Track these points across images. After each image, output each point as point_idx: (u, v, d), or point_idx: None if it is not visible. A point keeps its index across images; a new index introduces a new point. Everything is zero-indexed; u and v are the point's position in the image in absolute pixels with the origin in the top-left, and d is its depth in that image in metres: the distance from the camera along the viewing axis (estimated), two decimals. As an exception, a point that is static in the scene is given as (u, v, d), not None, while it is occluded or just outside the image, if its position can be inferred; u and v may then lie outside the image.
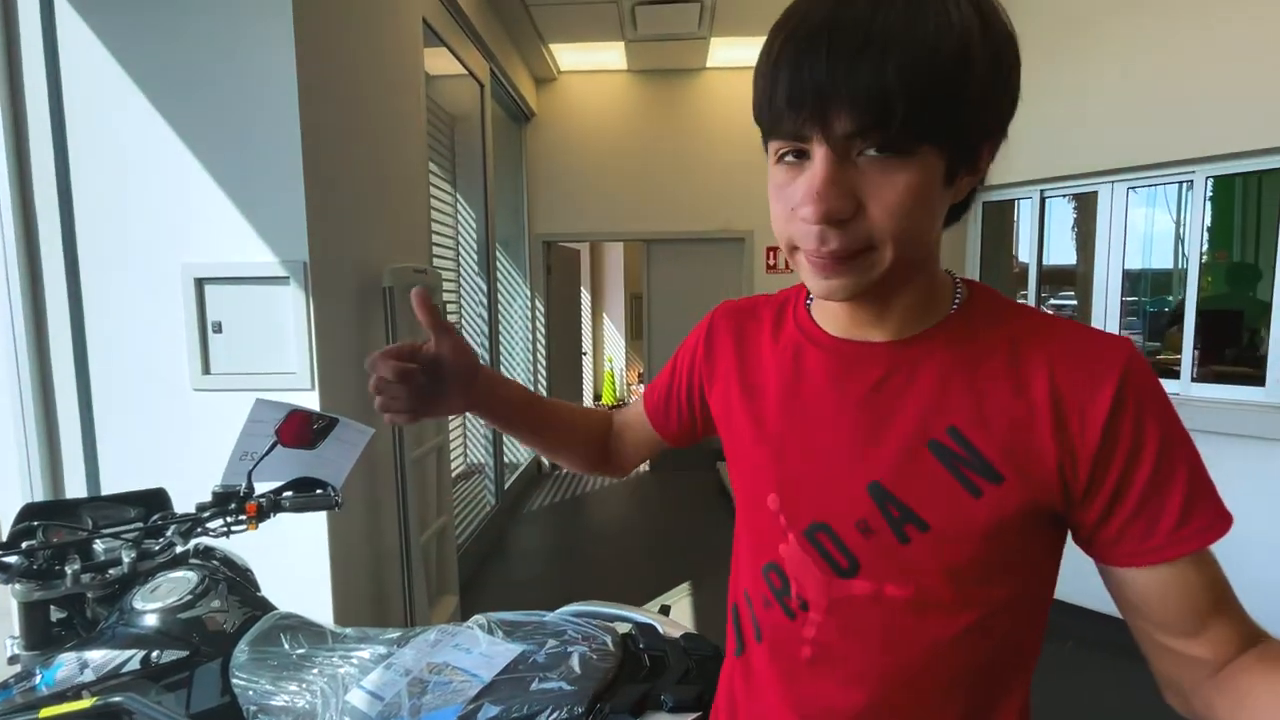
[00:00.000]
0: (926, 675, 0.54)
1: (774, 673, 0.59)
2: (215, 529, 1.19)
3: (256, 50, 1.64)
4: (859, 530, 0.54)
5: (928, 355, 0.54)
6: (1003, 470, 0.50)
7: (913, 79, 0.43)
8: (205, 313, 1.70)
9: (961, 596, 0.52)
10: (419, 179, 2.62)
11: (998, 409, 0.51)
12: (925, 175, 0.47)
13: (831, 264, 0.49)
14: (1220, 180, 2.64)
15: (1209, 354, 2.71)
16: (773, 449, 0.59)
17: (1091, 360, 0.50)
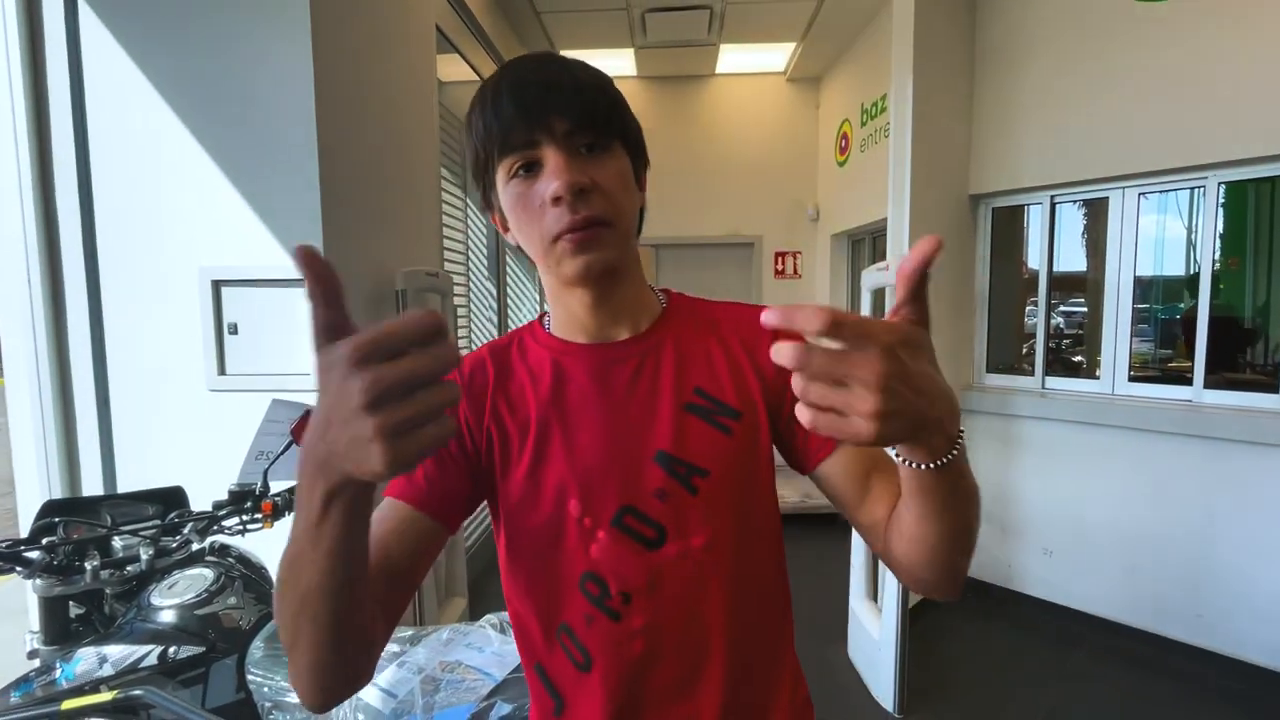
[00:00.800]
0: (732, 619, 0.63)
1: (607, 694, 0.62)
2: (231, 527, 1.21)
3: (275, 57, 1.66)
4: (657, 498, 0.62)
5: (662, 341, 0.67)
6: (739, 408, 0.64)
7: (600, 95, 0.61)
8: (222, 314, 1.73)
9: (741, 533, 0.63)
10: (431, 184, 2.65)
11: (719, 367, 0.66)
12: (622, 164, 0.63)
13: (586, 237, 0.59)
14: (1232, 186, 2.63)
15: (1220, 360, 2.69)
16: (560, 462, 0.63)
17: (747, 312, 0.69)
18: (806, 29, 4.41)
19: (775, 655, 0.67)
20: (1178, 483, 2.64)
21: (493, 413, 0.65)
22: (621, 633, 0.62)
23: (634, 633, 0.62)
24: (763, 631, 0.66)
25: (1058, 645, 2.73)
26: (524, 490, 0.63)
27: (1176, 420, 2.63)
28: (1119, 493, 2.80)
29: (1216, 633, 2.55)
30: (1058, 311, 3.46)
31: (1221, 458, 2.51)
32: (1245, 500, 2.46)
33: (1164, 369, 3.02)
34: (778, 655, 0.67)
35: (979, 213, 3.32)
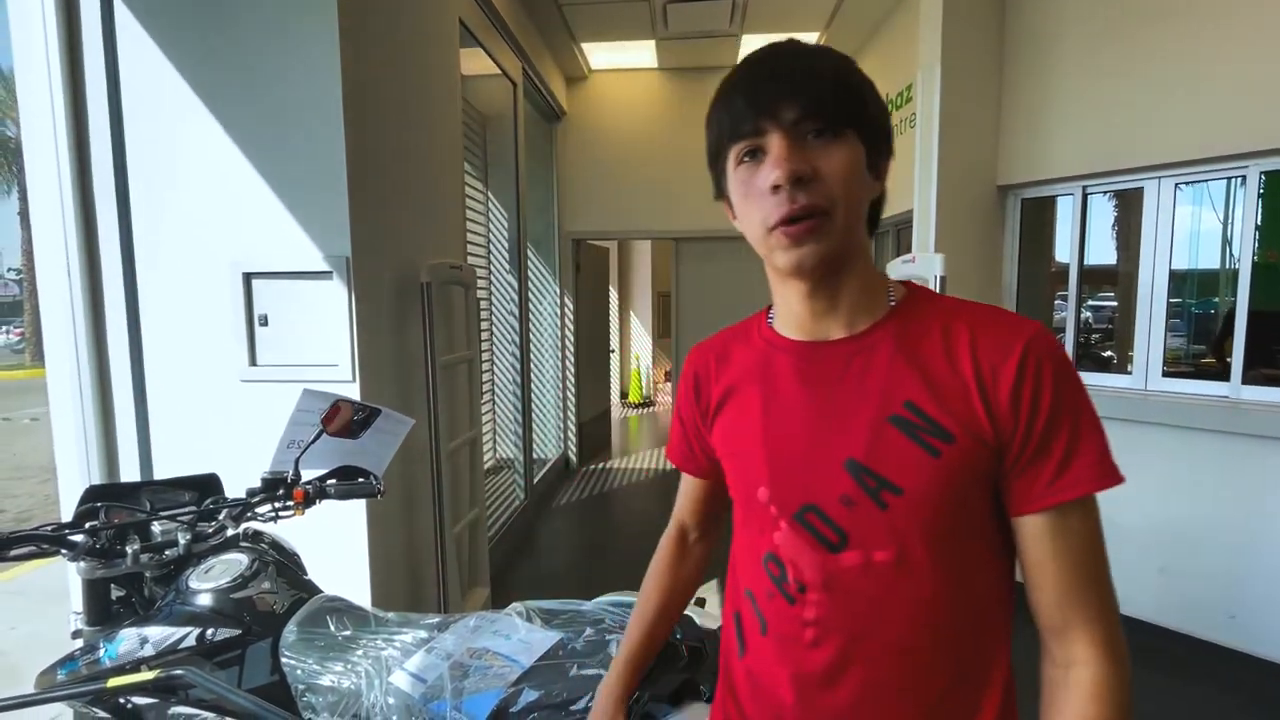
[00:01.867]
0: (916, 640, 0.61)
1: (780, 663, 0.65)
2: (264, 514, 1.24)
3: (303, 55, 1.69)
4: (842, 504, 0.61)
5: (878, 343, 0.64)
6: (953, 430, 0.59)
7: (833, 82, 0.60)
8: (253, 306, 1.76)
9: (936, 552, 0.60)
10: (454, 178, 2.67)
11: (939, 381, 0.60)
12: (853, 153, 0.60)
13: (802, 229, 0.59)
14: (1273, 176, 2.54)
15: (1259, 356, 2.61)
16: (758, 449, 0.67)
17: (1003, 332, 0.60)
18: (830, 18, 4.34)
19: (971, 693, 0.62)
20: (1213, 481, 2.57)
21: (715, 396, 0.74)
22: (795, 618, 0.64)
23: (806, 621, 0.63)
24: (957, 661, 0.62)
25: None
26: (730, 469, 0.72)
27: (1213, 417, 2.56)
28: (1151, 490, 2.74)
29: (1250, 634, 2.48)
30: (1086, 305, 3.38)
31: (1260, 455, 2.44)
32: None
33: (1198, 365, 2.94)
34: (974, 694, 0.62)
35: (1007, 204, 3.25)
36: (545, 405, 5.38)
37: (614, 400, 8.00)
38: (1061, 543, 0.58)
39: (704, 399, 0.76)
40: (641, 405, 8.84)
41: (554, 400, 5.43)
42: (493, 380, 4.00)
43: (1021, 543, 0.60)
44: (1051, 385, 0.58)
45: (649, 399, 8.96)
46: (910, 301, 0.66)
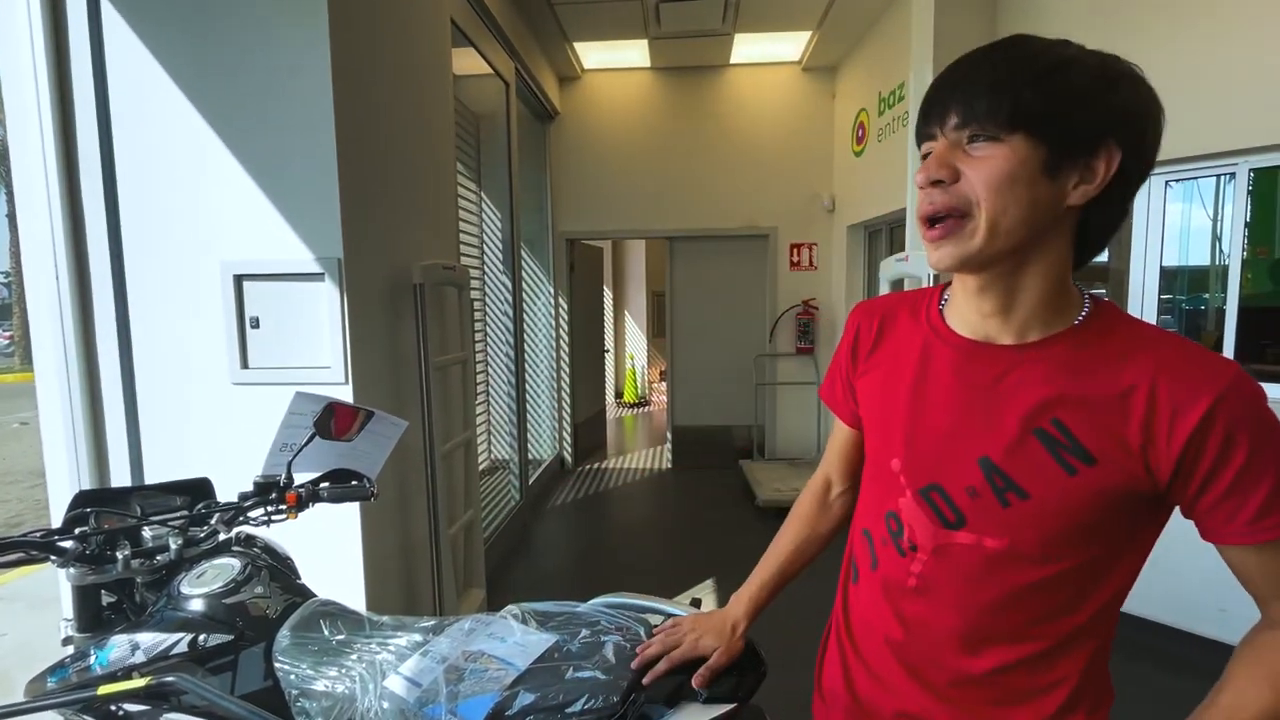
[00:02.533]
0: (1008, 612, 0.68)
1: (884, 595, 0.76)
2: (256, 518, 1.23)
3: (293, 53, 1.67)
4: (967, 494, 0.68)
5: (1045, 359, 0.66)
6: (1096, 455, 0.62)
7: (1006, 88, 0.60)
8: (244, 308, 1.75)
9: (1047, 552, 0.65)
10: (447, 178, 2.66)
11: (1100, 407, 0.62)
12: (1015, 157, 0.60)
13: (936, 233, 0.64)
14: (1262, 173, 2.56)
15: (1249, 352, 2.63)
16: (899, 423, 0.73)
17: (1194, 377, 0.60)
18: (823, 17, 4.35)
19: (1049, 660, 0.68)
20: (1204, 476, 2.59)
21: (871, 356, 0.80)
22: (902, 568, 0.73)
23: (910, 573, 0.73)
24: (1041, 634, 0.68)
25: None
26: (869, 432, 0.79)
27: (1203, 413, 2.58)
28: (1143, 486, 2.76)
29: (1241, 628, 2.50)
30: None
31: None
32: None
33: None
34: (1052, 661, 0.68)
35: (999, 202, 3.27)
36: (540, 406, 5.37)
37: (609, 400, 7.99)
38: (1269, 565, 0.62)
39: (859, 354, 0.82)
40: (637, 405, 8.84)
41: (549, 400, 5.43)
42: (487, 381, 3.98)
43: (1224, 554, 0.65)
44: (1248, 441, 0.59)
45: (644, 398, 8.96)
46: (1097, 320, 0.66)
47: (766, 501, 4.18)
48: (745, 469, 4.92)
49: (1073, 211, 0.63)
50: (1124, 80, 0.63)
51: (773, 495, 4.19)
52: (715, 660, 0.88)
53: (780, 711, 1.07)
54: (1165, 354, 0.62)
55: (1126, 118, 0.62)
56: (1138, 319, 0.68)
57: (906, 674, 0.74)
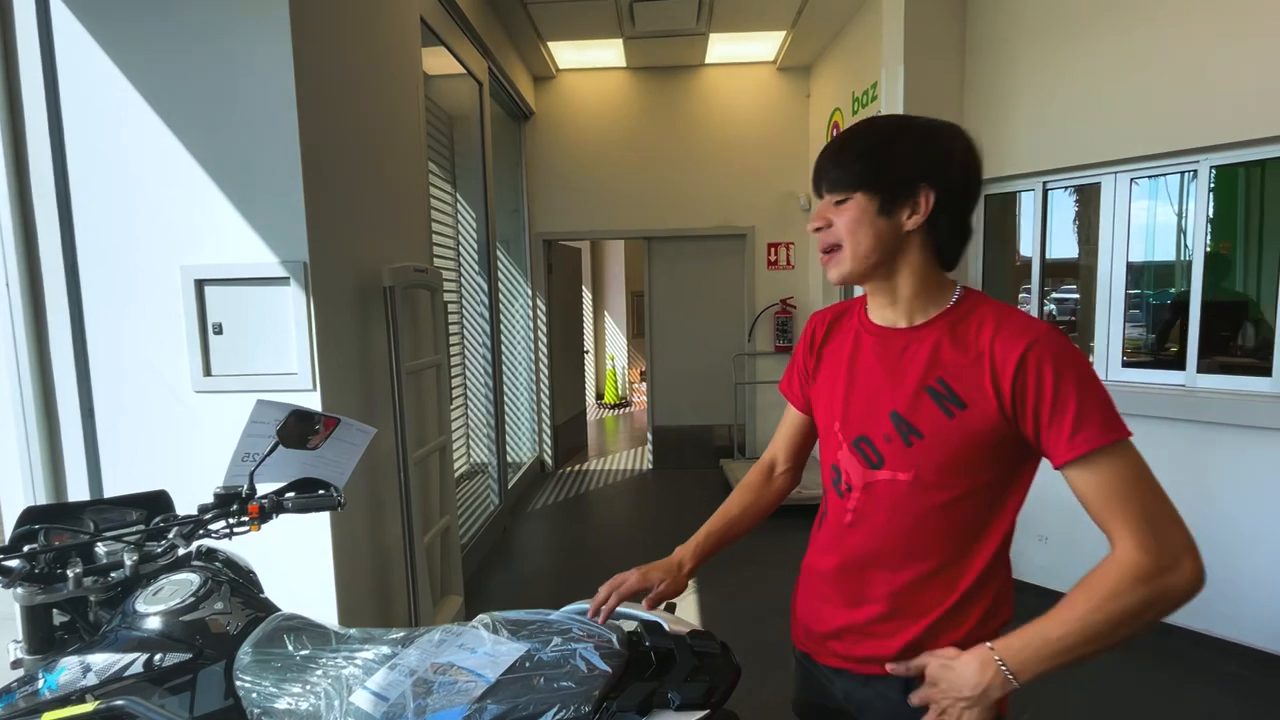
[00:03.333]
0: (920, 530, 0.89)
1: (831, 534, 0.98)
2: (217, 531, 1.19)
3: (253, 50, 1.63)
4: (884, 440, 0.90)
5: (929, 335, 0.90)
6: (966, 401, 0.85)
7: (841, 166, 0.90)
8: (206, 314, 1.70)
9: (942, 480, 0.87)
10: (418, 178, 2.61)
11: (965, 365, 0.86)
12: (858, 208, 0.88)
13: (828, 260, 0.93)
14: (1223, 170, 2.63)
15: (1213, 345, 2.70)
16: (839, 395, 0.97)
17: (1015, 335, 0.83)
18: (796, 17, 4.37)
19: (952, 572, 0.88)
20: (1171, 467, 2.62)
21: (819, 350, 1.04)
22: (841, 507, 0.95)
23: (847, 510, 0.94)
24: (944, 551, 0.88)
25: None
26: (818, 407, 1.03)
27: (1170, 405, 2.63)
28: (1113, 478, 2.81)
29: (1208, 615, 2.56)
30: (1051, 298, 3.46)
31: (1214, 442, 2.52)
32: (1238, 484, 2.47)
33: (1156, 354, 3.02)
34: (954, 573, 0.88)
35: (971, 200, 3.31)
36: (519, 408, 5.32)
37: (590, 401, 7.96)
38: (1095, 481, 0.78)
39: (815, 351, 1.05)
40: (618, 406, 8.81)
41: (528, 403, 5.38)
42: (465, 384, 3.94)
43: (1068, 482, 0.81)
44: (1053, 375, 0.79)
45: (625, 399, 8.94)
46: (963, 304, 0.90)
47: (747, 500, 4.18)
48: (726, 468, 4.92)
49: (916, 232, 0.88)
50: (938, 139, 0.88)
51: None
52: (662, 588, 1.04)
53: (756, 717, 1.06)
54: (1000, 318, 0.86)
55: (934, 168, 0.86)
56: (994, 301, 0.90)
57: (842, 599, 0.95)
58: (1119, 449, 0.78)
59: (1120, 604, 0.75)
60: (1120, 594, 0.75)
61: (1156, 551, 0.76)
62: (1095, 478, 0.78)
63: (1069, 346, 0.82)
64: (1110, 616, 0.75)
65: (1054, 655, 0.78)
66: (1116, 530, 0.77)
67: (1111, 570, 0.76)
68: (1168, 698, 2.31)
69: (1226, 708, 2.23)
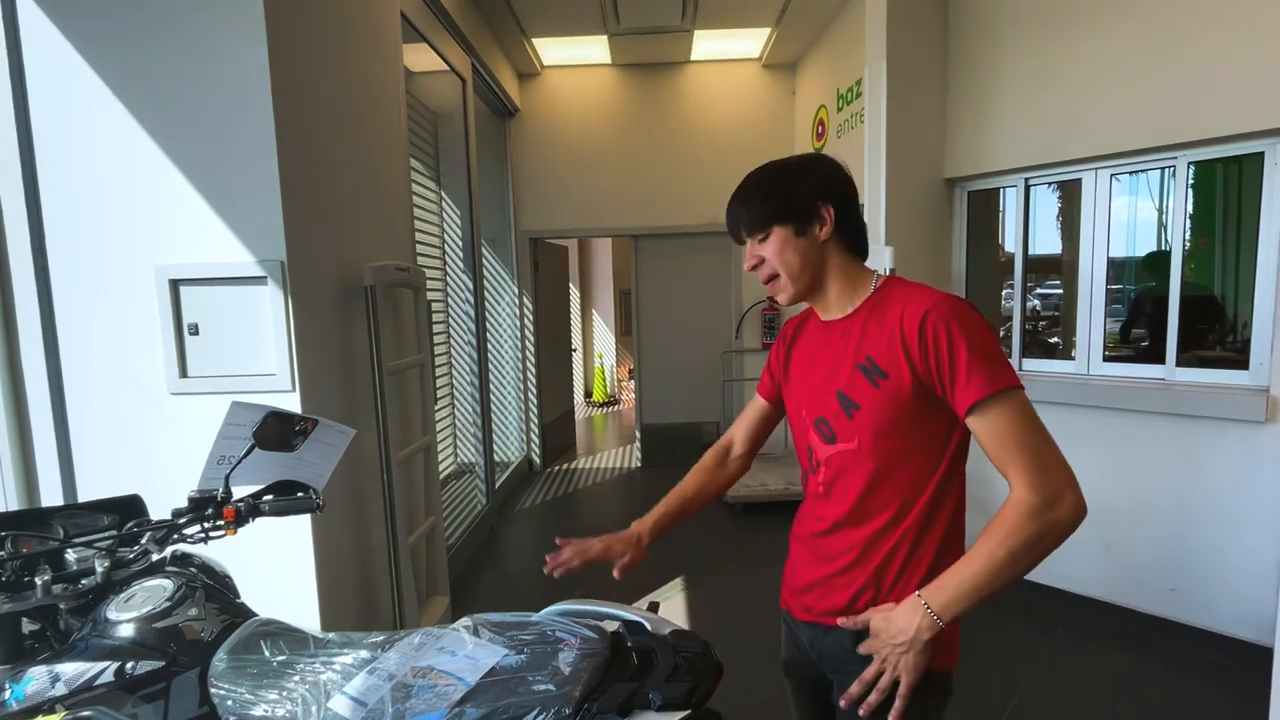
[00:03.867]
0: (870, 491, 1.01)
1: (809, 503, 1.13)
2: (192, 535, 1.17)
3: (228, 46, 1.60)
4: (834, 417, 1.04)
5: (857, 320, 1.04)
6: (886, 370, 0.97)
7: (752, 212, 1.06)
8: (181, 315, 1.67)
9: (878, 444, 0.99)
10: (400, 176, 2.59)
11: (884, 339, 0.98)
12: (780, 239, 1.04)
13: (770, 286, 1.08)
14: (1202, 166, 2.66)
15: (1192, 339, 2.73)
16: (803, 385, 1.12)
17: (918, 305, 0.95)
18: (780, 14, 4.37)
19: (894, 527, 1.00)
20: (1152, 460, 2.68)
21: (791, 349, 1.17)
22: (815, 482, 1.09)
23: (818, 483, 1.07)
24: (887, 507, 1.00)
25: (1037, 622, 2.77)
26: (789, 397, 1.17)
27: (1150, 399, 2.66)
28: (1095, 471, 2.81)
29: (1189, 606, 2.60)
30: (1035, 294, 3.49)
31: (1193, 434, 2.55)
32: (1216, 476, 2.51)
33: (1137, 348, 3.05)
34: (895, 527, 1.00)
35: (955, 196, 3.33)
36: (506, 407, 5.30)
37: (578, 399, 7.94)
38: (990, 427, 0.90)
39: (786, 350, 1.18)
40: (606, 404, 8.80)
41: (515, 402, 5.36)
42: (451, 384, 3.91)
43: (972, 429, 0.93)
44: (946, 333, 0.91)
45: (614, 397, 8.93)
46: (882, 289, 1.04)
47: (735, 498, 4.19)
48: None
49: (830, 240, 1.03)
50: (820, 167, 1.05)
51: (741, 491, 4.20)
52: (628, 559, 1.17)
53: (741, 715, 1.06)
54: (908, 295, 0.99)
55: (827, 187, 1.03)
56: (907, 282, 1.03)
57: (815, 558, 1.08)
58: (1007, 397, 0.89)
59: (1017, 539, 0.86)
60: (1016, 531, 0.86)
61: (1043, 489, 0.86)
62: (989, 425, 0.89)
63: (964, 309, 0.94)
64: (1010, 552, 0.86)
65: (969, 594, 0.89)
66: (1010, 473, 0.89)
67: (1008, 511, 0.88)
68: (1154, 689, 2.34)
69: (1211, 698, 2.26)
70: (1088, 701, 2.28)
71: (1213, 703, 2.23)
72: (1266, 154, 2.41)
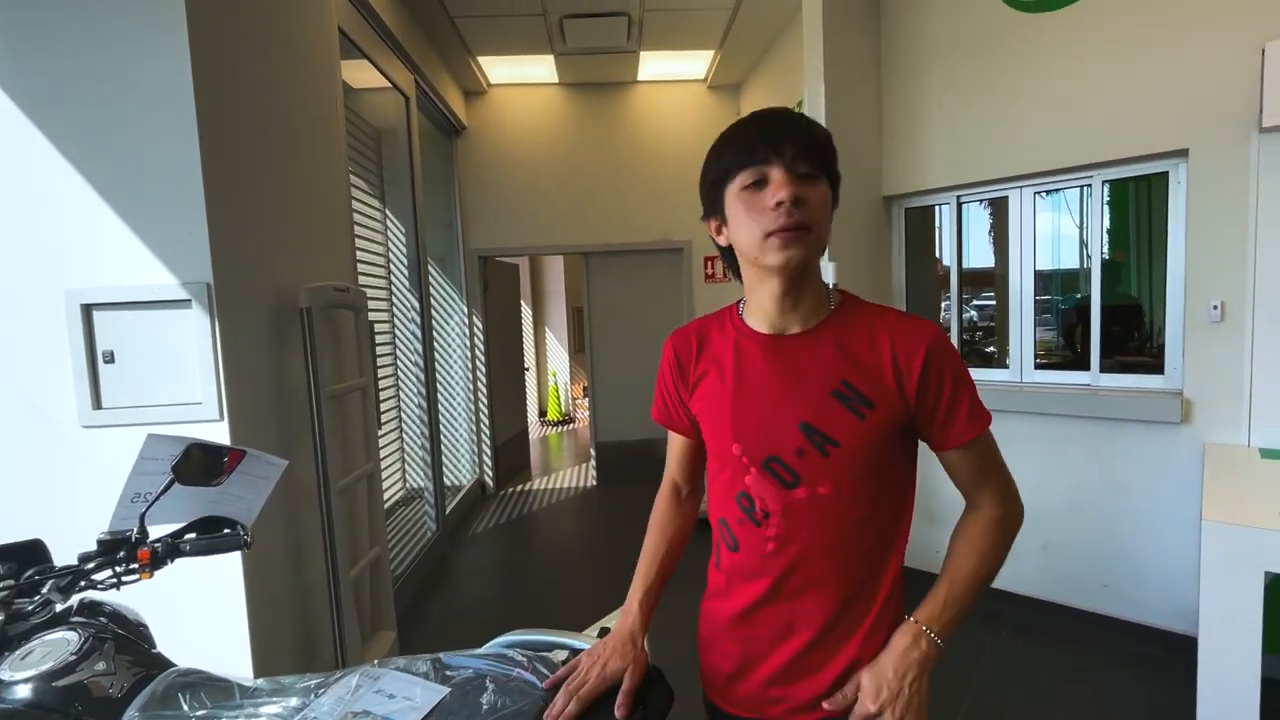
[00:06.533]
0: (842, 547, 0.87)
1: (748, 564, 0.91)
2: (103, 581, 1.07)
3: (147, 53, 1.52)
4: (797, 455, 0.86)
5: (824, 338, 0.88)
6: (873, 400, 0.85)
7: (820, 139, 0.84)
8: (95, 342, 1.56)
9: (861, 486, 0.86)
10: (340, 193, 2.51)
11: (866, 365, 0.86)
12: (827, 193, 0.84)
13: (792, 236, 0.81)
14: (1116, 185, 2.84)
15: (1114, 346, 2.89)
16: (731, 414, 0.90)
17: (912, 335, 0.86)
18: (723, 38, 4.49)
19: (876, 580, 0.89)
20: (1082, 463, 2.81)
21: (696, 371, 0.96)
22: (760, 536, 0.89)
23: (769, 537, 0.88)
24: (867, 559, 0.89)
25: (986, 625, 2.85)
26: (707, 430, 0.95)
27: (1077, 404, 2.80)
28: (1031, 475, 2.93)
29: (1122, 602, 2.72)
30: (973, 305, 3.64)
31: (1118, 437, 2.70)
32: (1139, 475, 2.65)
33: (1065, 356, 3.22)
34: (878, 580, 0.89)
35: (893, 213, 3.46)
36: (457, 429, 5.17)
37: (532, 419, 7.83)
38: (972, 459, 0.89)
39: (685, 371, 0.97)
40: (561, 422, 8.71)
41: (466, 423, 5.23)
42: (399, 407, 3.79)
43: (946, 460, 0.90)
44: (950, 373, 0.86)
45: (568, 415, 8.84)
46: (845, 306, 0.91)
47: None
48: (670, 481, 4.91)
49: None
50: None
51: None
52: (629, 682, 0.88)
53: (694, 737, 1.04)
54: (891, 321, 0.88)
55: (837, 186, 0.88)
56: (867, 301, 0.93)
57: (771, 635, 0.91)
58: (987, 432, 0.90)
59: (998, 552, 0.89)
60: (998, 544, 0.89)
61: (1010, 506, 0.91)
62: (971, 456, 0.89)
63: (954, 347, 0.91)
64: (992, 565, 0.89)
65: (961, 612, 0.87)
66: (985, 495, 0.90)
67: (988, 528, 0.89)
68: (1083, 681, 2.42)
69: (1140, 689, 2.36)
70: (1035, 698, 2.34)
71: (1147, 694, 2.33)
72: (1170, 174, 2.59)
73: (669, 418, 1.04)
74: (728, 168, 0.84)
